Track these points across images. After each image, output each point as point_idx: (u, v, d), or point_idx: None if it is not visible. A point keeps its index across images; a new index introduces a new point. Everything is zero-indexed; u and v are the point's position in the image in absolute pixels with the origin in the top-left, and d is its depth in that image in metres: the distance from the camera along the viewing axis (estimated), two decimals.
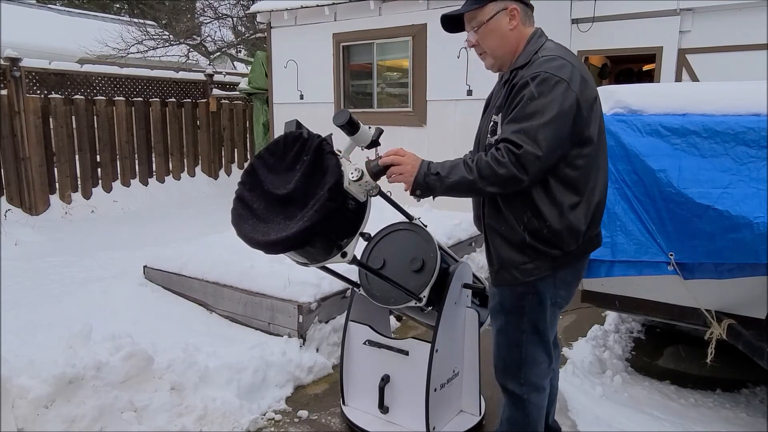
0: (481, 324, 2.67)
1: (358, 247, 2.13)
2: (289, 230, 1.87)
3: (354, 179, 1.92)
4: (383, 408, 2.66)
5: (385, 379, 2.65)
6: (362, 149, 2.13)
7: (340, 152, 2.02)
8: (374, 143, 2.10)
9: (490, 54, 2.03)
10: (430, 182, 1.87)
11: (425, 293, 2.39)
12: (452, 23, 2.09)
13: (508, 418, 2.18)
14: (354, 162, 2.01)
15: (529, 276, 1.94)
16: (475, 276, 2.72)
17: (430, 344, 2.49)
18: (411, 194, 1.92)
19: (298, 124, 2.07)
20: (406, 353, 2.60)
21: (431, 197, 1.95)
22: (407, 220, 2.63)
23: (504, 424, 2.20)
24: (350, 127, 1.99)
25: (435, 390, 2.50)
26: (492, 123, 1.99)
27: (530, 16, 2.03)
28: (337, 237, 2.01)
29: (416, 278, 2.43)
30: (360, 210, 2.03)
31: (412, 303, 2.42)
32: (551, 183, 1.87)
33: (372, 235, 2.63)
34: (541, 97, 1.79)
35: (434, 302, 2.48)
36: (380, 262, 2.54)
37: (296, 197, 1.94)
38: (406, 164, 1.91)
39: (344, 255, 2.03)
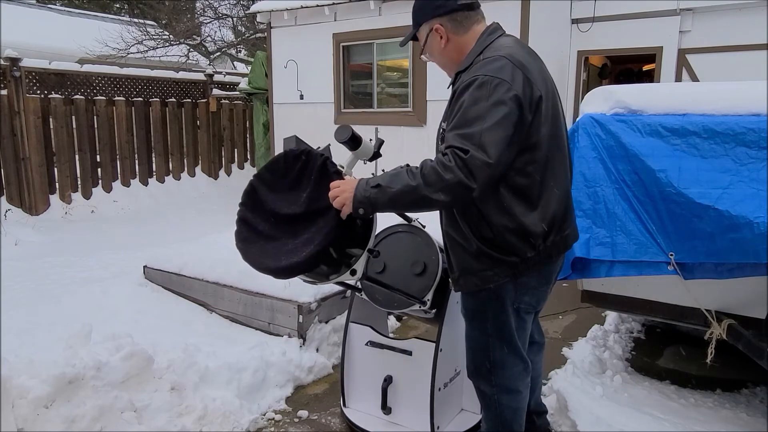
0: None
1: None
2: (299, 256, 1.82)
3: None
4: (386, 409, 2.65)
5: (388, 380, 2.64)
6: (365, 163, 2.12)
7: (343, 168, 2.00)
8: (376, 155, 2.09)
9: (441, 68, 2.10)
10: (371, 196, 1.75)
11: (428, 297, 2.37)
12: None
13: (484, 417, 2.24)
14: (356, 176, 2.00)
15: (488, 282, 1.92)
16: None
17: (433, 344, 2.49)
18: (354, 214, 1.80)
19: (298, 141, 2.04)
20: (410, 353, 2.60)
21: (374, 213, 1.86)
22: (405, 222, 2.61)
23: (483, 422, 2.27)
24: (352, 142, 1.98)
25: (439, 389, 2.51)
26: (441, 129, 1.97)
27: (464, 20, 1.96)
28: (346, 257, 1.98)
29: (418, 282, 2.41)
30: (367, 226, 2.00)
31: (416, 307, 2.41)
32: (501, 191, 1.83)
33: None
34: (480, 101, 1.72)
35: (437, 303, 2.47)
36: (380, 266, 2.52)
37: (302, 217, 1.90)
38: (342, 187, 1.82)
39: (354, 273, 1.98)
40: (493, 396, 2.11)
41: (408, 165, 1.85)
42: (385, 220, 2.73)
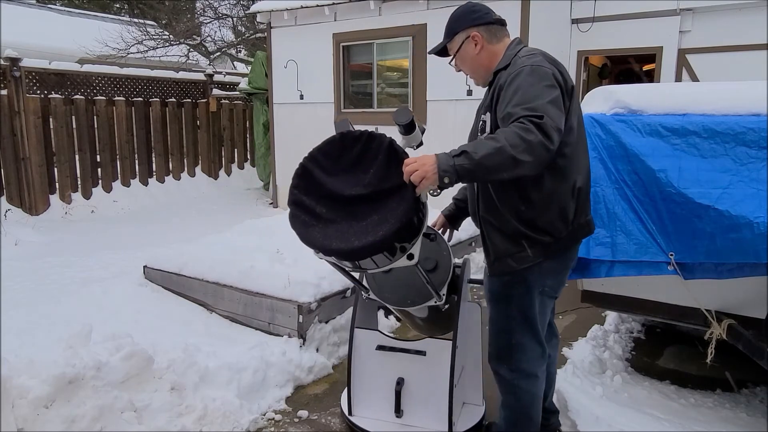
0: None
1: None
2: (375, 235, 1.77)
3: None
4: (399, 412, 2.62)
5: (401, 383, 2.61)
6: (414, 148, 2.14)
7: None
8: (420, 144, 2.15)
9: (471, 75, 2.28)
10: (456, 164, 1.75)
11: (444, 291, 2.40)
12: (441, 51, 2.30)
13: (503, 403, 2.31)
14: None
15: (523, 263, 2.06)
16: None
17: (448, 342, 2.50)
18: (438, 182, 1.79)
19: (350, 123, 2.04)
20: (424, 353, 2.59)
21: (459, 181, 1.85)
22: None
23: (501, 410, 2.33)
24: (409, 127, 2.02)
25: (455, 387, 2.52)
26: (481, 122, 2.13)
27: (498, 32, 2.18)
28: (407, 239, 1.93)
29: (432, 278, 2.41)
30: (423, 209, 1.98)
31: (432, 302, 2.41)
32: (543, 171, 1.93)
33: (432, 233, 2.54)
34: (536, 84, 1.88)
35: (450, 300, 2.49)
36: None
37: (369, 198, 1.87)
38: (419, 162, 1.81)
39: (411, 257, 1.94)
40: (512, 381, 2.21)
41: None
42: None
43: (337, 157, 1.94)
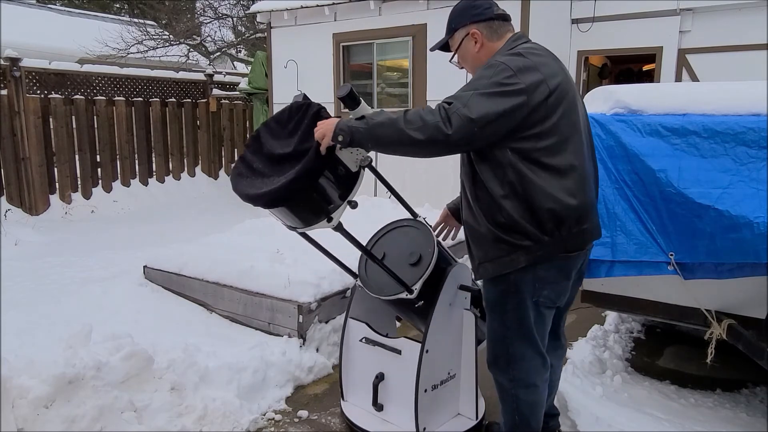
0: (478, 342, 2.66)
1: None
2: (276, 184, 1.96)
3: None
4: (377, 405, 2.68)
5: (380, 377, 2.68)
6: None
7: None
8: None
9: (472, 72, 2.18)
10: (352, 125, 1.90)
11: (417, 286, 2.43)
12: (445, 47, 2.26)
13: (502, 411, 2.27)
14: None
15: (506, 268, 2.00)
16: (473, 282, 2.72)
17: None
18: (333, 140, 1.91)
19: (305, 97, 2.18)
20: (399, 352, 2.61)
21: (353, 145, 1.94)
22: (412, 218, 2.68)
23: (501, 415, 2.30)
24: (351, 100, 2.08)
25: (426, 391, 2.50)
26: None
27: (499, 28, 2.11)
28: (324, 201, 2.07)
29: (411, 271, 2.47)
30: (351, 178, 2.10)
31: (404, 294, 2.45)
32: (509, 176, 1.92)
33: (377, 232, 2.72)
34: (482, 78, 1.87)
35: (426, 298, 2.50)
36: (380, 255, 2.62)
37: (291, 156, 2.04)
38: (327, 122, 1.97)
39: (330, 220, 2.10)
40: (510, 390, 2.17)
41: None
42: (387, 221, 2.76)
43: (285, 123, 2.16)
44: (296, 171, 1.94)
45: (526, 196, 1.92)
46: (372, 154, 2.14)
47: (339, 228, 2.18)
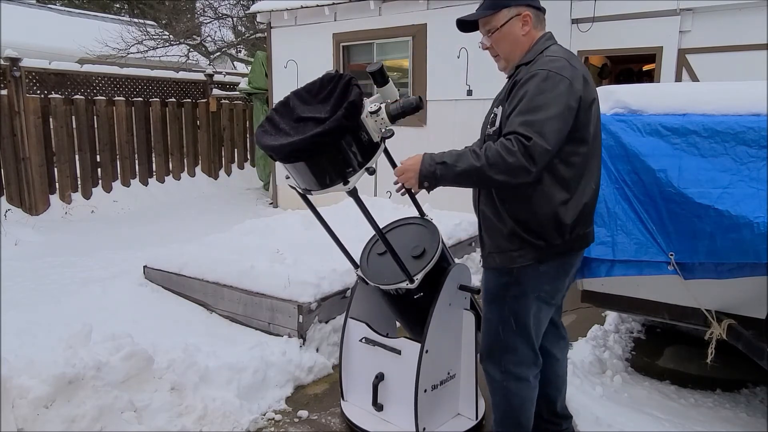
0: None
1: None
2: (300, 136, 1.99)
3: (371, 110, 2.04)
4: (377, 405, 2.69)
5: (379, 377, 2.68)
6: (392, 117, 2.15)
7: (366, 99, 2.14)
8: (416, 108, 2.12)
9: (503, 57, 2.12)
10: (437, 171, 1.92)
11: (419, 277, 2.44)
12: (465, 24, 2.15)
13: (492, 403, 2.28)
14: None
15: (513, 263, 2.03)
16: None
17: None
18: (419, 187, 1.99)
19: (337, 71, 2.23)
20: (399, 352, 2.61)
21: (436, 188, 2.00)
22: (420, 216, 2.75)
23: (493, 411, 2.30)
24: (380, 77, 2.13)
25: (425, 391, 2.51)
26: (492, 115, 2.09)
27: (542, 20, 2.11)
28: (344, 163, 2.09)
29: (414, 263, 2.50)
30: (372, 147, 2.12)
31: (404, 284, 2.45)
32: (544, 178, 1.94)
33: (386, 226, 2.76)
34: (545, 92, 1.86)
35: (426, 291, 2.51)
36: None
37: (317, 120, 2.07)
38: (406, 165, 2.01)
39: (346, 183, 2.11)
40: (502, 382, 2.19)
41: (471, 146, 2.02)
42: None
43: (316, 92, 2.21)
44: (322, 127, 1.97)
45: (551, 197, 1.96)
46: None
47: (353, 193, 2.20)
